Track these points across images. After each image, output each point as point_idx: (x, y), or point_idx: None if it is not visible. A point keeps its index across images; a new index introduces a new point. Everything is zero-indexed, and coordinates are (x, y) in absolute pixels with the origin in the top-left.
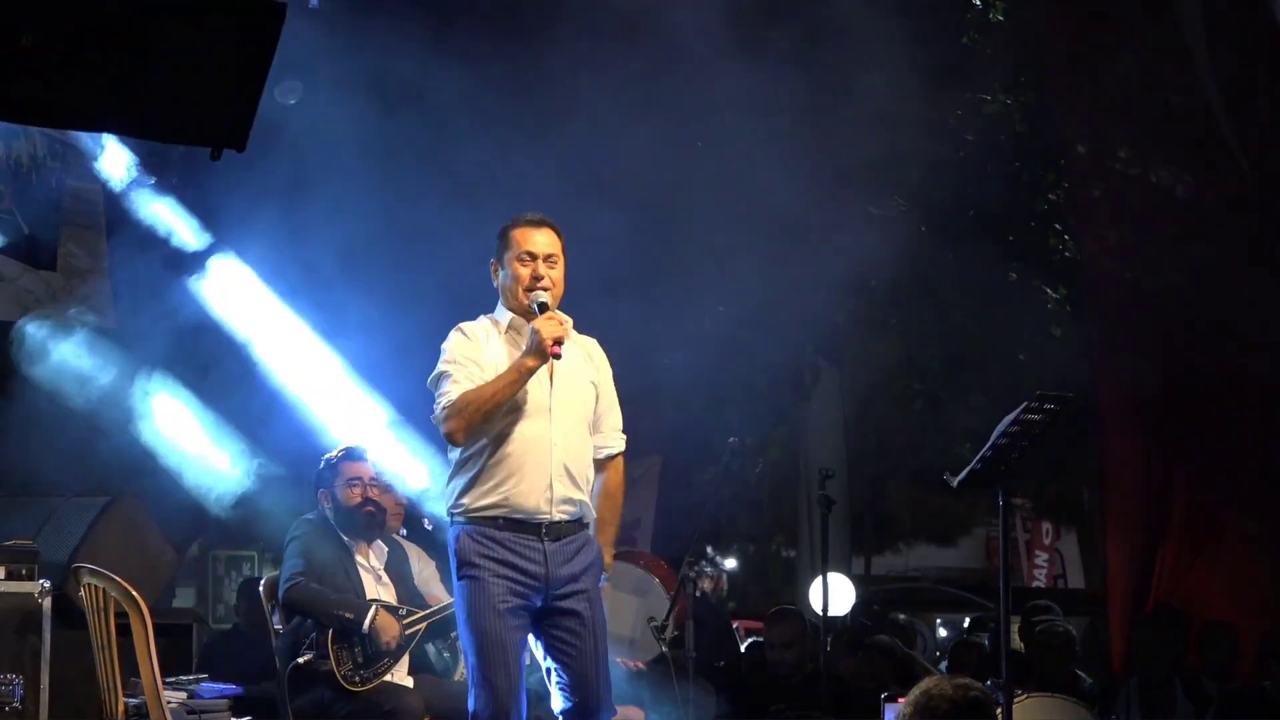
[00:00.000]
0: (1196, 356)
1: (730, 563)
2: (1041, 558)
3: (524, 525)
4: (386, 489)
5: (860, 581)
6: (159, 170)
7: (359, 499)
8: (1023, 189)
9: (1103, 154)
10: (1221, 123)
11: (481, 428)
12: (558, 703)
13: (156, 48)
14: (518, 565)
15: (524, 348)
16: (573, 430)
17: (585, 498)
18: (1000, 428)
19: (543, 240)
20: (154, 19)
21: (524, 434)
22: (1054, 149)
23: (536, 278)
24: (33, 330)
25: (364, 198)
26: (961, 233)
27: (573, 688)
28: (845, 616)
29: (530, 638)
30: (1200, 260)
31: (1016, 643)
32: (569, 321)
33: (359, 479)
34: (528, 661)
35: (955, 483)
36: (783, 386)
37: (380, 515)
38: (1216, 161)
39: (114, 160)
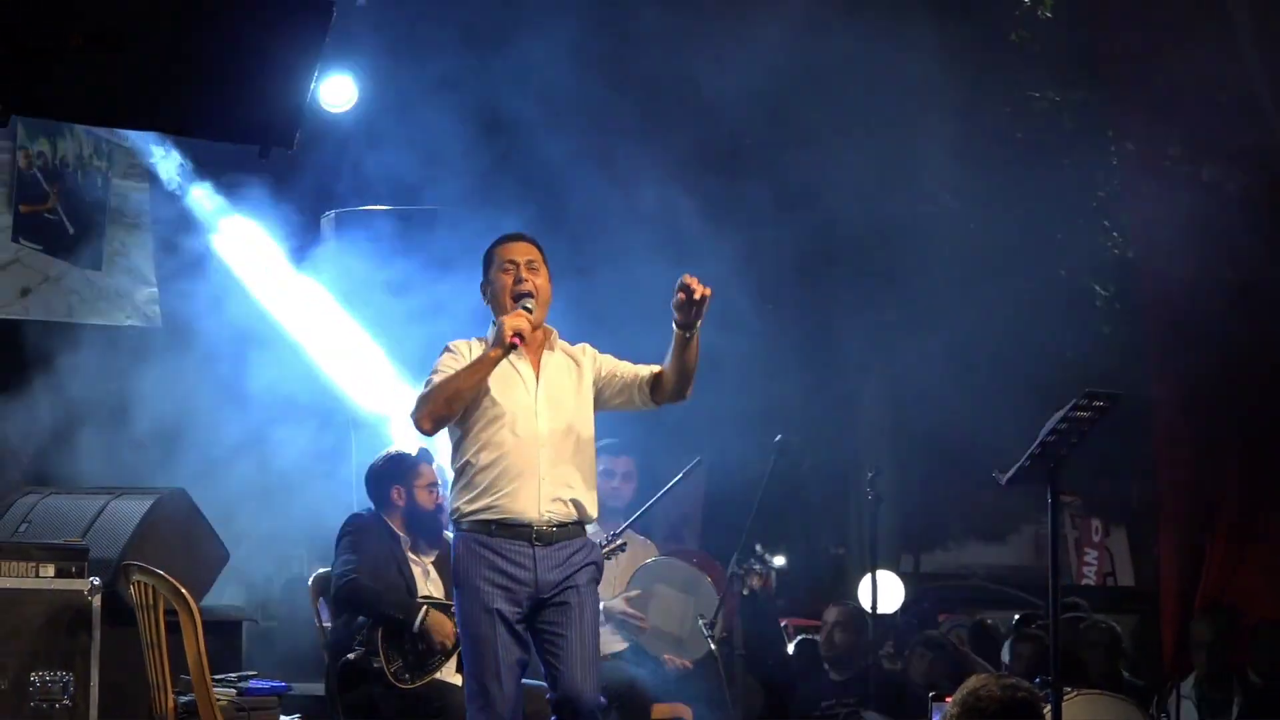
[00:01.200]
0: (1247, 353)
1: (779, 560)
2: (1091, 555)
3: (515, 530)
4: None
5: (909, 579)
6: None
7: (435, 505)
8: (1072, 186)
9: (1153, 151)
10: (1271, 119)
11: (445, 416)
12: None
13: (205, 46)
14: (509, 572)
15: (522, 386)
16: (562, 434)
17: (581, 498)
18: (1049, 425)
19: (521, 249)
20: (202, 17)
21: (512, 439)
22: (1103, 146)
23: (519, 281)
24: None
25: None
26: (1010, 230)
27: (557, 679)
28: (895, 614)
29: None
30: (1250, 256)
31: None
32: (554, 335)
33: (435, 484)
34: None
35: (1005, 480)
36: (831, 384)
37: (447, 522)
38: (1267, 158)
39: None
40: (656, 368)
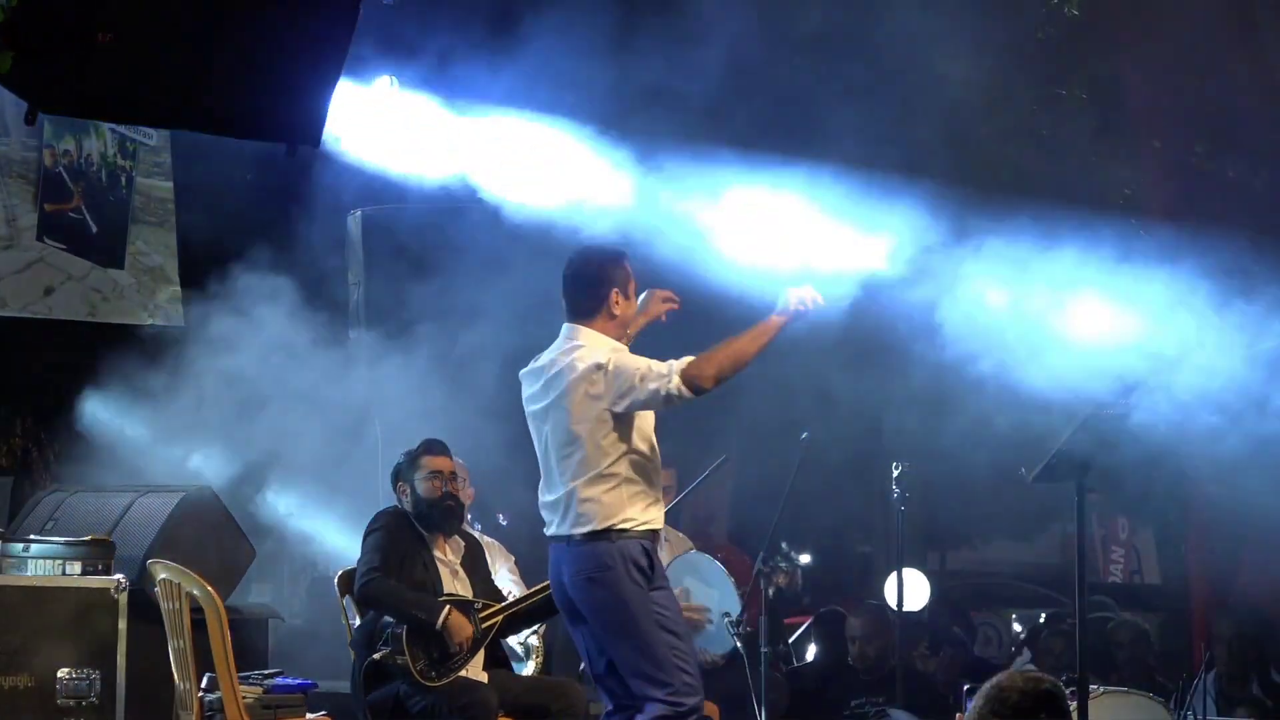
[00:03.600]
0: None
1: (805, 558)
2: (1118, 553)
3: (657, 537)
4: (464, 483)
5: (936, 577)
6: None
7: (439, 493)
8: (1097, 184)
9: (1178, 149)
10: None
11: (728, 378)
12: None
13: (232, 44)
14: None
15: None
16: None
17: None
18: (1076, 422)
19: None
20: (229, 16)
21: (656, 449)
22: (1129, 144)
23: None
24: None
25: None
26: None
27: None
28: (922, 611)
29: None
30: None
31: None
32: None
33: (439, 473)
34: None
35: (1031, 478)
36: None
37: (459, 509)
38: None
39: None
40: None
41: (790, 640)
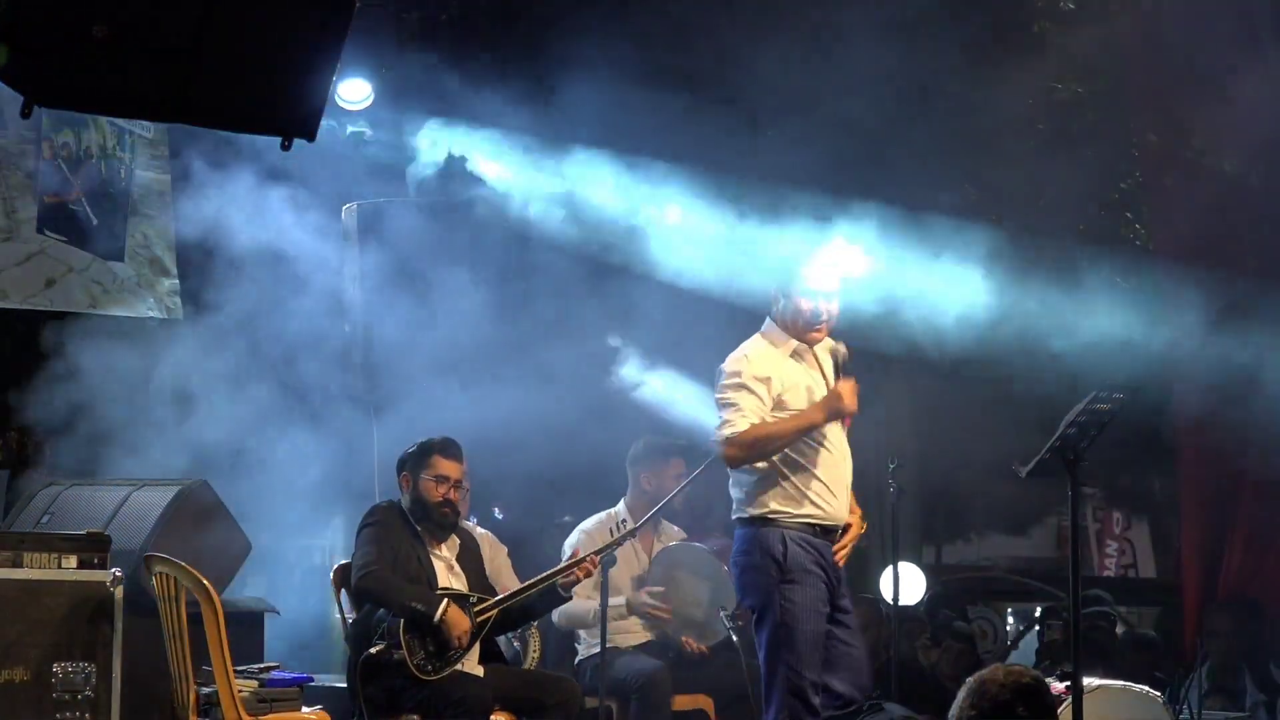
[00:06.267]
0: (1270, 345)
1: None
2: (1112, 547)
3: (829, 532)
4: (466, 492)
5: (931, 571)
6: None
7: (440, 498)
8: (1094, 177)
9: (1175, 142)
10: None
11: (757, 460)
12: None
13: (227, 37)
14: (827, 570)
15: (820, 393)
16: (846, 442)
17: None
18: (1068, 417)
19: (831, 282)
20: (224, 8)
21: (829, 446)
22: (1125, 137)
23: (817, 316)
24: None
25: None
26: (1033, 221)
27: (854, 674)
28: (917, 605)
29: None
30: (1273, 249)
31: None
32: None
33: (446, 478)
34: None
35: (1025, 472)
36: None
37: (454, 518)
38: None
39: None
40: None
41: None
